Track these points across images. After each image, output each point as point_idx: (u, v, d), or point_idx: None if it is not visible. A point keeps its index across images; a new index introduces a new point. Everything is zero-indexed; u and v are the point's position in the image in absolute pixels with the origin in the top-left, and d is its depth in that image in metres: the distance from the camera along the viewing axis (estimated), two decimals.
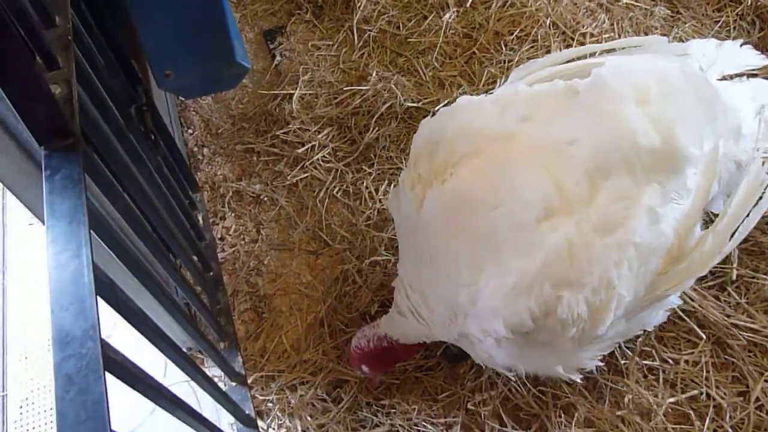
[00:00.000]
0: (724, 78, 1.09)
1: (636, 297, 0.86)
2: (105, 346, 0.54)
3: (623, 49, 1.18)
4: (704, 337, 1.21)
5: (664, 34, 1.72)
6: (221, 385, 1.19)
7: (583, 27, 1.69)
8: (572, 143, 0.86)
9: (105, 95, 0.86)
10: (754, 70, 1.15)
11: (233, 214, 1.52)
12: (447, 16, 1.74)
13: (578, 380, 0.99)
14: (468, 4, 1.75)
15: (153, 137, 1.09)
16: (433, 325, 1.00)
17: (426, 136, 0.98)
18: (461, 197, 0.90)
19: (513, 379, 1.21)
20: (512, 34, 1.68)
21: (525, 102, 0.93)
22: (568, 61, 1.09)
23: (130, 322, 0.70)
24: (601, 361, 1.01)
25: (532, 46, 1.67)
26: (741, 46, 1.13)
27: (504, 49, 1.66)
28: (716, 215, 0.97)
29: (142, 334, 0.74)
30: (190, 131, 1.68)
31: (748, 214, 0.93)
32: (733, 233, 0.92)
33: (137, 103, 1.05)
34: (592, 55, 1.15)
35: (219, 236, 1.49)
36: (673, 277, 0.88)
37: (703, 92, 0.94)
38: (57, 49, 0.73)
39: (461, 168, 0.91)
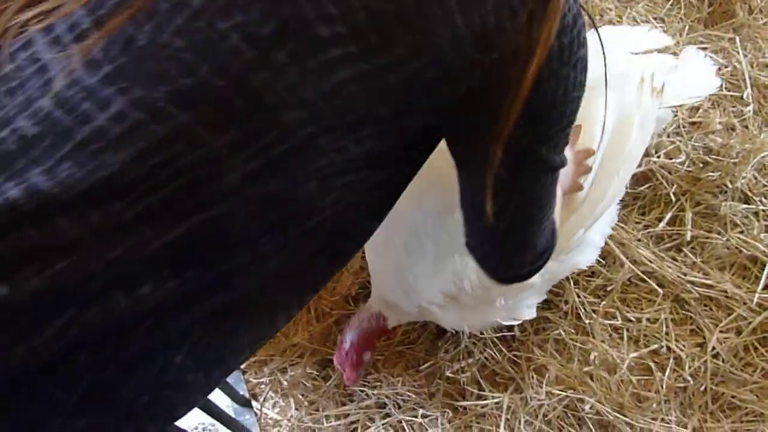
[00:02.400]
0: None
1: None
2: None
3: None
4: (661, 293, 1.30)
5: (619, 15, 1.81)
6: None
7: None
8: None
9: None
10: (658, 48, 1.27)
11: None
12: None
13: (524, 319, 1.16)
14: None
15: None
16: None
17: None
18: None
19: (489, 347, 1.30)
20: None
21: None
22: None
23: None
24: (540, 304, 1.18)
25: None
26: (649, 30, 1.28)
27: None
28: None
29: None
30: None
31: None
32: None
33: None
34: None
35: None
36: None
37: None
38: None
39: None
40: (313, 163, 0.46)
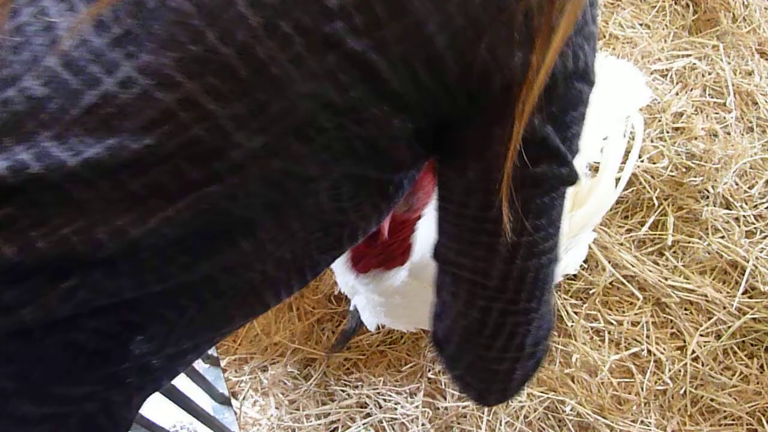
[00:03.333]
0: None
1: None
2: None
3: None
4: (641, 298, 1.31)
5: (605, 21, 1.82)
6: (195, 366, 1.26)
7: None
8: None
9: None
10: None
11: None
12: None
13: None
14: None
15: None
16: None
17: None
18: None
19: None
20: None
21: None
22: None
23: None
24: None
25: None
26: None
27: None
28: None
29: None
30: None
31: None
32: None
33: None
34: None
35: None
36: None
37: None
38: None
39: None
40: (313, 141, 0.44)
